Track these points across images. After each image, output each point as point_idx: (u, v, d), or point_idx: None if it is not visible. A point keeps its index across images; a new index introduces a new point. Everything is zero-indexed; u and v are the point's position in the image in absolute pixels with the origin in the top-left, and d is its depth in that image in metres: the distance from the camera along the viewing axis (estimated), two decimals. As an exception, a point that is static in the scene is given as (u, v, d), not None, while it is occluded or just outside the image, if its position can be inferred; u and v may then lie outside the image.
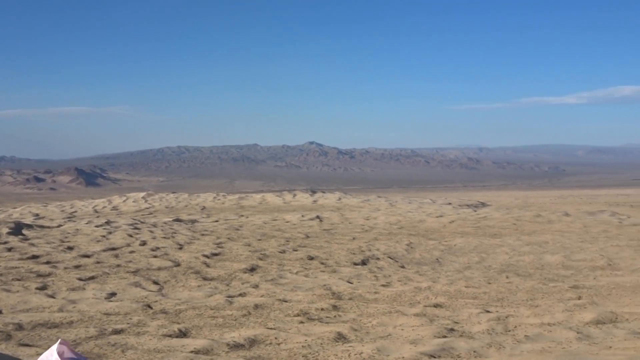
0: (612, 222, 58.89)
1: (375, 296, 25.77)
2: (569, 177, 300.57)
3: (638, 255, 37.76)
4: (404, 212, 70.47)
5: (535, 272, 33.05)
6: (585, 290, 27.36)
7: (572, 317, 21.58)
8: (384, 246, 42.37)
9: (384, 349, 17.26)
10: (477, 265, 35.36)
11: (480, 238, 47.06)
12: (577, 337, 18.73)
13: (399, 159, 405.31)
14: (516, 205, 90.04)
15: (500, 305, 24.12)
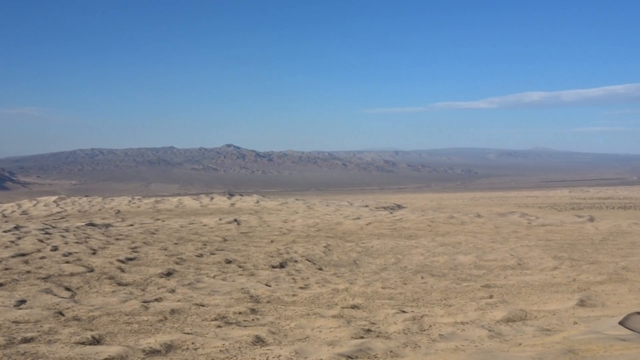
0: (521, 223, 60.97)
1: (294, 299, 25.83)
2: (481, 179, 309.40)
3: (546, 254, 39.21)
4: (322, 215, 70.90)
5: (449, 272, 33.86)
6: (496, 289, 28.22)
7: (484, 315, 22.21)
8: (302, 249, 42.51)
9: (302, 351, 17.32)
10: (393, 267, 35.93)
11: (396, 240, 47.86)
12: (488, 335, 19.29)
13: (316, 161, 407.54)
14: (431, 207, 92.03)
15: (415, 305, 24.59)
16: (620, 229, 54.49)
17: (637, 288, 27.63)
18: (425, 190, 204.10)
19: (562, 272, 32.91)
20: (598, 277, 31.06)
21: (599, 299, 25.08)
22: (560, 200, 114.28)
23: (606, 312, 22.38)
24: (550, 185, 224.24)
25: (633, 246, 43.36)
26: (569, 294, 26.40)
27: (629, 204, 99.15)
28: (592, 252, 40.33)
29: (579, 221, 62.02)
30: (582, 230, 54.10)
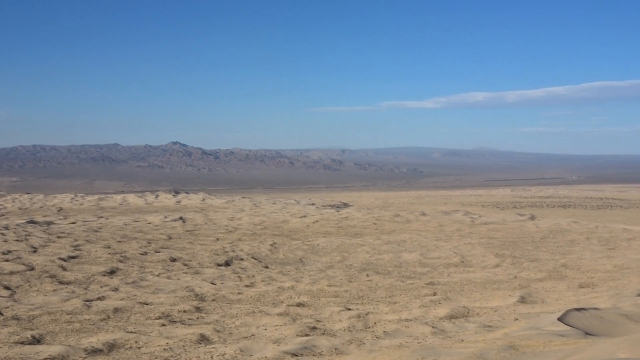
0: (465, 221, 61.97)
1: (239, 297, 25.74)
2: (426, 178, 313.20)
3: (488, 252, 39.95)
4: (268, 213, 70.79)
5: (394, 270, 34.20)
6: (440, 286, 28.63)
7: (428, 312, 22.52)
8: (248, 247, 42.38)
9: (247, 350, 17.27)
10: (339, 264, 36.10)
11: (342, 238, 48.10)
12: (432, 331, 19.56)
13: (263, 159, 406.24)
14: (376, 205, 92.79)
15: (360, 303, 24.76)
16: (559, 228, 55.88)
17: (576, 285, 28.40)
18: (371, 189, 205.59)
19: (504, 270, 33.58)
20: (538, 274, 31.80)
21: (539, 296, 25.68)
22: (503, 199, 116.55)
23: (546, 308, 22.93)
24: (493, 184, 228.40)
25: (572, 244, 44.53)
26: (510, 291, 26.96)
27: (569, 203, 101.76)
28: (532, 250, 41.26)
29: (520, 219, 63.35)
30: (524, 229, 55.29)
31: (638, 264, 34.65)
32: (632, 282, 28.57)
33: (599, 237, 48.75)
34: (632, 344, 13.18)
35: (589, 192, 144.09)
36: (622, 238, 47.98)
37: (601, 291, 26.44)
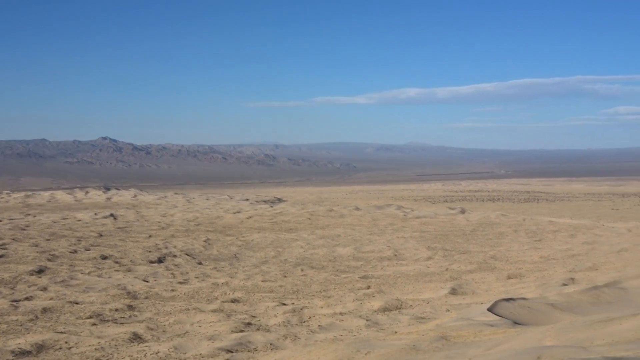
0: (397, 215, 62.79)
1: (172, 294, 25.45)
2: (360, 173, 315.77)
3: (420, 245, 40.60)
4: (202, 209, 70.11)
5: (329, 264, 34.40)
6: (373, 279, 28.96)
7: (362, 305, 22.75)
8: (181, 243, 41.90)
9: (181, 347, 17.11)
10: (273, 260, 36.08)
11: (277, 233, 48.08)
12: (366, 324, 19.78)
13: (196, 155, 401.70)
14: (311, 200, 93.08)
15: (295, 298, 24.83)
16: (489, 220, 57.24)
17: (504, 276, 29.16)
18: (305, 184, 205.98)
19: (436, 262, 34.21)
20: (469, 266, 32.52)
21: (470, 287, 26.27)
22: (434, 193, 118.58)
23: (476, 299, 23.47)
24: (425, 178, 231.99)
25: (500, 236, 45.68)
26: (441, 283, 27.48)
27: (497, 196, 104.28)
28: (463, 243, 42.15)
29: (451, 213, 64.58)
30: (454, 222, 56.40)
31: (563, 255, 35.83)
32: (557, 272, 29.53)
33: (526, 229, 50.15)
34: (558, 332, 13.63)
35: (516, 186, 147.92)
36: (548, 230, 49.49)
37: (528, 281, 27.24)
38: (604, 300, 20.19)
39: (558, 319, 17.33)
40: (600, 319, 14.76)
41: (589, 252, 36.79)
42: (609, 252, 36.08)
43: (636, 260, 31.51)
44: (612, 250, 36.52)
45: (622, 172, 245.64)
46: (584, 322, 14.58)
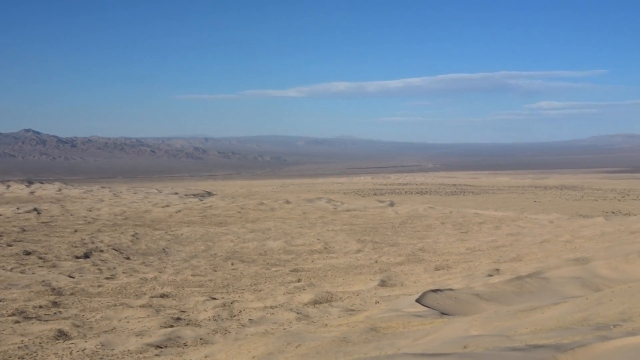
0: (328, 208, 63.14)
1: (99, 290, 24.94)
2: (290, 166, 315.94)
3: (350, 238, 40.95)
4: (129, 203, 68.87)
5: (259, 257, 34.33)
6: (304, 273, 29.06)
7: (293, 299, 22.81)
8: (108, 238, 41.07)
9: (108, 344, 16.79)
10: (203, 254, 35.78)
11: (207, 227, 47.67)
12: (297, 317, 19.84)
13: (123, 148, 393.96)
14: (241, 194, 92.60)
15: (225, 292, 24.70)
16: (417, 213, 58.16)
17: (432, 268, 29.69)
18: (235, 177, 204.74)
19: (365, 255, 34.57)
20: (397, 258, 32.99)
21: (399, 279, 26.65)
22: (364, 186, 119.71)
23: (405, 291, 23.83)
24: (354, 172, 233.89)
25: (428, 229, 46.49)
26: (371, 275, 27.79)
27: (425, 189, 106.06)
28: (392, 235, 42.71)
29: (380, 206, 65.34)
30: (384, 215, 57.09)
31: (488, 246, 36.74)
32: (483, 263, 30.26)
33: (453, 221, 51.19)
34: (483, 322, 13.98)
35: (443, 179, 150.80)
36: (474, 222, 50.64)
37: (455, 273, 27.82)
38: (527, 290, 20.81)
39: (484, 309, 17.76)
40: (524, 308, 15.21)
41: (513, 243, 37.84)
42: (532, 243, 37.19)
43: (557, 251, 32.59)
44: (535, 242, 37.66)
45: (545, 166, 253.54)
46: (508, 312, 14.99)
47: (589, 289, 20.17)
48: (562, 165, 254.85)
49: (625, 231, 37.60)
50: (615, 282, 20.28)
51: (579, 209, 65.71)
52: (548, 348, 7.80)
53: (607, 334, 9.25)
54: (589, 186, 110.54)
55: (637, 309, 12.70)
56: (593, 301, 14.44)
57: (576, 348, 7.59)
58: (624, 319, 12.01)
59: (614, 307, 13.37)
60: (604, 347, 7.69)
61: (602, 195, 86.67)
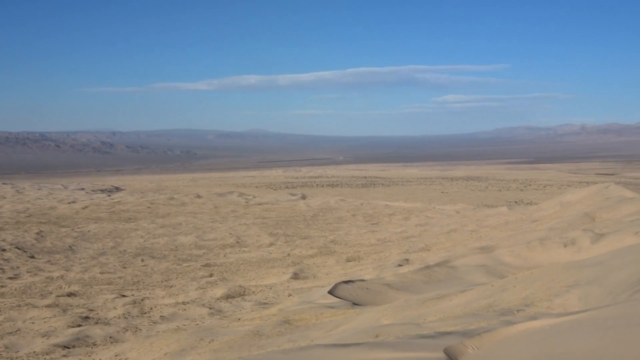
0: (240, 202, 62.85)
1: (2, 290, 24.00)
2: (201, 160, 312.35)
3: (263, 232, 40.93)
4: (33, 199, 66.44)
5: (170, 253, 33.86)
6: (216, 267, 28.88)
7: (205, 294, 22.64)
8: (11, 236, 39.51)
9: (12, 346, 16.21)
10: (112, 251, 34.97)
11: (115, 223, 46.60)
12: (209, 312, 19.71)
13: (26, 142, 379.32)
14: (150, 188, 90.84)
15: (136, 289, 24.26)
16: (328, 206, 58.69)
17: (344, 259, 30.07)
18: (144, 172, 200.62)
19: (278, 248, 34.65)
20: (310, 250, 33.23)
21: (311, 271, 26.87)
22: (276, 179, 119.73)
23: (317, 283, 24.05)
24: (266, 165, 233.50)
25: (340, 221, 47.01)
26: (284, 268, 27.90)
27: (337, 182, 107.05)
28: (304, 228, 42.96)
29: (292, 199, 65.55)
30: (296, 208, 57.32)
31: (398, 237, 37.50)
32: (393, 254, 30.86)
33: (364, 213, 51.94)
34: (394, 311, 14.28)
35: (354, 171, 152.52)
36: (384, 214, 51.55)
37: (366, 264, 28.28)
38: (435, 278, 21.37)
39: (394, 298, 18.14)
40: (432, 296, 15.63)
41: (421, 233, 38.75)
42: (440, 233, 38.20)
43: (464, 240, 33.61)
44: (442, 231, 38.69)
45: (451, 157, 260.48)
46: (417, 300, 15.37)
47: (494, 276, 20.91)
48: (468, 157, 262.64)
49: (527, 220, 39.14)
50: (518, 269, 21.12)
51: (484, 199, 67.92)
52: (456, 334, 8.05)
53: (511, 319, 9.63)
54: (493, 177, 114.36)
55: (539, 294, 13.27)
56: (498, 288, 14.98)
57: (482, 333, 7.86)
58: (527, 304, 12.53)
59: (517, 293, 13.91)
60: (508, 332, 7.99)
61: (505, 186, 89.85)
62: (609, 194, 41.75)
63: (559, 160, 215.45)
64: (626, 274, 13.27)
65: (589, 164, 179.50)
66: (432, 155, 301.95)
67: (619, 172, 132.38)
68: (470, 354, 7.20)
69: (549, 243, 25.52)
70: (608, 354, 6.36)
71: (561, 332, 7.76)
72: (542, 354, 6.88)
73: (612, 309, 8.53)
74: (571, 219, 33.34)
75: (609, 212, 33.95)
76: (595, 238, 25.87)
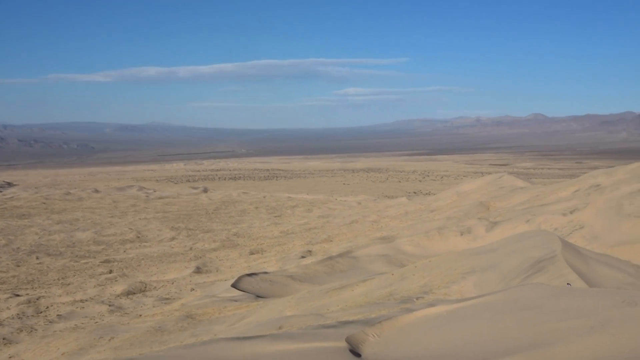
0: (140, 196, 61.55)
1: None
2: (99, 154, 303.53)
3: (164, 226, 40.27)
4: None
5: (67, 250, 32.79)
6: (116, 263, 28.21)
7: (104, 291, 22.10)
8: None
9: None
10: (4, 249, 33.51)
11: (7, 220, 44.68)
12: (109, 309, 19.25)
13: None
14: (45, 184, 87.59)
15: (31, 288, 23.39)
16: (231, 199, 58.35)
17: (247, 252, 30.02)
18: (38, 167, 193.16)
19: (180, 242, 34.20)
20: (212, 244, 32.98)
21: (214, 265, 26.68)
22: (177, 173, 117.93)
23: (220, 276, 23.93)
24: (167, 159, 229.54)
25: (243, 214, 46.85)
26: (186, 263, 27.59)
27: (239, 174, 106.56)
28: (206, 222, 42.56)
29: (194, 192, 64.78)
30: (197, 201, 56.69)
31: (301, 229, 37.75)
32: (296, 245, 31.06)
33: (266, 206, 51.95)
34: (297, 302, 14.39)
35: (257, 164, 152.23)
36: (287, 206, 51.73)
37: (270, 256, 28.35)
38: (338, 269, 21.68)
39: (298, 290, 18.27)
40: (335, 286, 15.85)
41: (324, 225, 39.15)
42: (342, 224, 38.71)
43: (365, 231, 34.21)
44: (344, 222, 39.23)
45: (352, 150, 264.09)
46: (320, 291, 15.54)
47: (394, 265, 21.41)
48: (368, 149, 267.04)
49: (426, 210, 40.23)
50: (418, 258, 21.70)
51: (384, 190, 69.28)
52: (357, 323, 8.19)
53: (411, 306, 9.89)
54: (393, 168, 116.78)
55: (437, 282, 13.69)
56: (398, 276, 15.35)
57: (383, 321, 8.03)
58: (425, 291, 12.90)
59: (416, 281, 14.30)
60: (408, 319, 8.21)
61: (404, 177, 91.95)
62: (502, 184, 43.47)
63: (455, 151, 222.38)
64: (518, 260, 13.88)
65: (484, 155, 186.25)
66: (334, 147, 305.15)
67: (512, 162, 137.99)
68: (371, 342, 7.36)
69: (447, 232, 26.36)
70: (501, 337, 6.65)
71: (457, 317, 8.05)
72: (440, 339, 7.12)
73: (505, 294, 8.91)
74: (467, 208, 34.52)
75: (502, 201, 35.36)
76: (490, 226, 26.91)
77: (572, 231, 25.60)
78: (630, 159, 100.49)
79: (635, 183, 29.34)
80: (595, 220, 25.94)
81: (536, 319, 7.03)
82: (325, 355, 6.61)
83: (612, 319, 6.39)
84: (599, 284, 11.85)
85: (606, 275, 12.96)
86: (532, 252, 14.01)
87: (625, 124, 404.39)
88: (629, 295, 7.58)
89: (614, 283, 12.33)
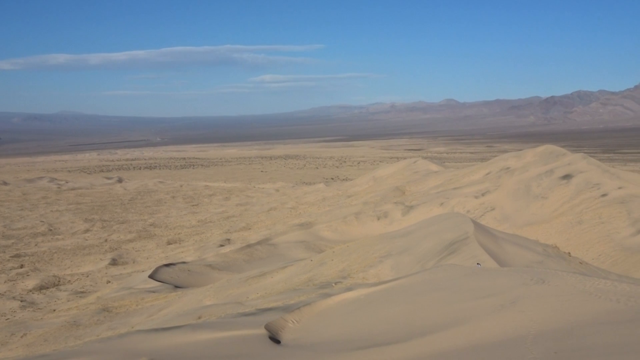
0: (51, 188, 59.69)
1: None
2: (6, 145, 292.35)
3: (77, 218, 39.22)
4: None
5: (-26, 245, 31.54)
6: (27, 257, 27.33)
7: (15, 286, 21.40)
8: None
9: None
10: None
11: None
12: (21, 305, 18.66)
13: None
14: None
15: None
16: (147, 188, 57.35)
17: (164, 242, 29.64)
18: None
19: (94, 234, 33.42)
20: (128, 235, 32.37)
21: (130, 256, 26.22)
22: (90, 163, 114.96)
23: (137, 267, 23.55)
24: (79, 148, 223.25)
25: (159, 203, 46.14)
26: (101, 255, 27.01)
27: (154, 164, 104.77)
28: (122, 212, 41.71)
29: (108, 183, 63.33)
30: (112, 192, 55.46)
31: (219, 218, 37.51)
32: (214, 234, 30.87)
33: (183, 195, 51.34)
34: (216, 291, 14.34)
35: (172, 152, 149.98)
36: (204, 194, 51.27)
37: (188, 245, 28.08)
38: (257, 256, 21.69)
39: (217, 279, 18.20)
40: (254, 274, 15.86)
41: (242, 213, 39.03)
42: (260, 211, 38.69)
43: (284, 218, 34.31)
44: (263, 210, 39.22)
45: (269, 137, 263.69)
46: (239, 279, 15.53)
47: (313, 251, 21.59)
48: (286, 136, 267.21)
49: (343, 195, 40.68)
50: (336, 243, 21.95)
51: (302, 176, 69.57)
52: (277, 310, 8.25)
53: (329, 292, 10.02)
54: (310, 155, 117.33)
55: (355, 266, 13.90)
56: (316, 262, 15.49)
57: (301, 307, 8.12)
58: (344, 276, 13.09)
59: (334, 266, 14.48)
60: (326, 304, 8.32)
61: (322, 163, 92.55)
62: (417, 168, 44.39)
63: (372, 137, 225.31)
64: (432, 242, 14.24)
65: (399, 140, 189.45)
66: (250, 135, 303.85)
67: (426, 147, 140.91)
68: (290, 328, 7.43)
69: (364, 217, 26.75)
70: (416, 317, 6.83)
71: (374, 300, 8.22)
72: (358, 322, 7.25)
73: (419, 276, 9.15)
74: (383, 192, 35.10)
75: (417, 185, 36.13)
76: (406, 210, 27.47)
77: (484, 213, 26.44)
78: (537, 141, 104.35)
79: (542, 165, 30.54)
80: (506, 201, 26.89)
81: (450, 299, 7.26)
82: (244, 343, 6.63)
83: (521, 297, 6.66)
84: (509, 263, 12.30)
85: (516, 255, 13.46)
86: (446, 235, 14.41)
87: (532, 109, 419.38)
88: (537, 273, 7.92)
89: (524, 262, 12.82)
